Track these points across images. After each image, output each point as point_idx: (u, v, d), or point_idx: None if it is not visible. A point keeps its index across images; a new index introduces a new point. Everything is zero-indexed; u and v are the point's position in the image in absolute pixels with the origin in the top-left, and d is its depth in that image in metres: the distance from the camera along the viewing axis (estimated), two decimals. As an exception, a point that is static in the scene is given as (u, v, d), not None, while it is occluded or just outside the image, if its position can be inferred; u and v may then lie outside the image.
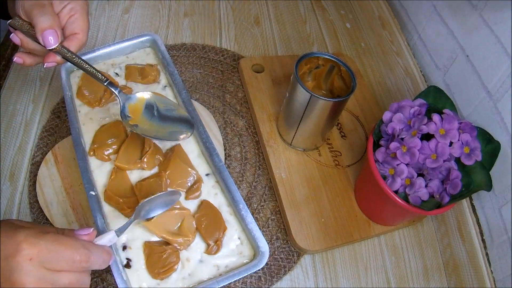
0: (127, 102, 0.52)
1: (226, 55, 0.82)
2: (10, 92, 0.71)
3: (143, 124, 0.51)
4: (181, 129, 0.53)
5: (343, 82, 0.62)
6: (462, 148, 0.51)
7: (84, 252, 0.37)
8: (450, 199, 0.50)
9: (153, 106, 0.53)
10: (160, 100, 0.54)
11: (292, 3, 0.94)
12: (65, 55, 0.49)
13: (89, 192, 0.51)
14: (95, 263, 0.38)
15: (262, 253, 0.50)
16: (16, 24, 0.48)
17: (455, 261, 0.62)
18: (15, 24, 0.49)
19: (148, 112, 0.53)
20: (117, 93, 0.51)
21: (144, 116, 0.52)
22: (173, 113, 0.54)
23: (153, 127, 0.52)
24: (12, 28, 0.49)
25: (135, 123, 0.51)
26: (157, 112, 0.53)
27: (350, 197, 0.65)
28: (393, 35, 0.87)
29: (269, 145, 0.68)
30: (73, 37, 0.50)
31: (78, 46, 0.50)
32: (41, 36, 0.46)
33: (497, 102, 0.59)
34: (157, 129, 0.52)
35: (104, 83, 0.51)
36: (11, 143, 0.65)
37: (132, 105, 0.52)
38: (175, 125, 0.53)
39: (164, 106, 0.54)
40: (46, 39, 0.46)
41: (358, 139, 0.71)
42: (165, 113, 0.53)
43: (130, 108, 0.52)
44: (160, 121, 0.53)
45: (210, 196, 0.55)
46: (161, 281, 0.49)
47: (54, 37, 0.47)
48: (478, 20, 0.63)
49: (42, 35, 0.46)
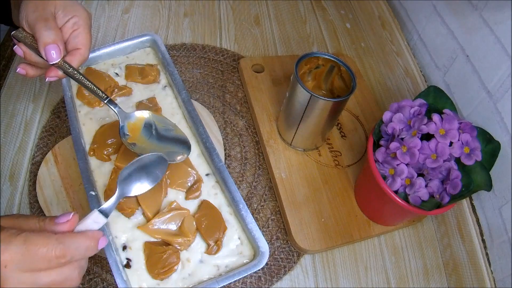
0: (126, 120, 0.52)
1: (226, 55, 0.82)
2: (10, 92, 0.71)
3: (141, 142, 0.52)
4: (178, 150, 0.53)
5: (343, 82, 0.62)
6: (462, 148, 0.51)
7: (59, 247, 0.35)
8: (450, 199, 0.50)
9: (151, 125, 0.54)
10: (158, 119, 0.55)
11: (292, 3, 0.94)
12: (66, 71, 0.49)
13: (89, 192, 0.51)
14: (76, 254, 0.36)
15: (262, 253, 0.50)
16: (20, 36, 0.49)
17: (455, 261, 0.62)
18: (18, 35, 0.49)
19: (147, 131, 0.53)
20: (116, 111, 0.52)
21: (143, 135, 0.53)
22: (171, 134, 0.54)
23: (151, 146, 0.52)
24: (16, 40, 0.49)
25: (133, 141, 0.52)
26: (155, 131, 0.53)
27: (350, 197, 0.65)
28: (393, 35, 0.87)
29: (269, 145, 0.68)
30: (76, 52, 0.50)
31: (79, 61, 0.51)
32: (44, 50, 0.47)
33: (497, 102, 0.59)
34: (155, 149, 0.52)
35: (104, 101, 0.51)
36: (11, 143, 0.65)
37: (131, 123, 0.53)
38: (173, 145, 0.53)
39: (162, 126, 0.54)
40: (49, 53, 0.47)
41: (358, 139, 0.71)
42: (163, 133, 0.54)
43: (129, 127, 0.52)
44: (158, 140, 0.53)
45: (210, 196, 0.55)
46: (161, 281, 0.49)
47: (56, 52, 0.47)
48: (478, 20, 0.63)
49: (45, 50, 0.47)
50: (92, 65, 0.64)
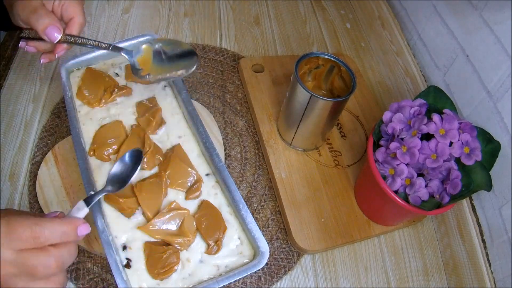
0: (135, 57, 0.54)
1: (226, 55, 0.82)
2: (10, 92, 0.71)
3: (155, 71, 0.54)
4: (190, 61, 0.55)
5: (343, 82, 0.62)
6: (462, 148, 0.51)
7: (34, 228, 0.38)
8: (450, 199, 0.50)
9: (160, 52, 0.55)
10: (164, 43, 0.56)
11: (292, 3, 0.94)
12: (69, 41, 0.53)
13: (89, 192, 0.51)
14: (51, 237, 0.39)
15: (262, 253, 0.50)
16: (24, 36, 0.54)
17: (455, 261, 0.62)
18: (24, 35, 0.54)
19: (157, 59, 0.55)
20: (123, 54, 0.54)
21: (154, 64, 0.55)
22: (179, 50, 0.56)
23: (165, 69, 0.54)
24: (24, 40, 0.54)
25: (147, 73, 0.54)
26: (165, 55, 0.55)
27: (350, 197, 0.65)
28: (393, 35, 0.87)
29: (269, 145, 0.68)
30: (72, 22, 0.54)
31: (78, 28, 0.54)
32: (45, 34, 0.50)
33: (497, 102, 0.59)
34: (169, 70, 0.54)
35: (109, 49, 0.54)
36: (11, 143, 0.65)
37: (141, 57, 0.55)
38: (184, 59, 0.55)
39: (169, 48, 0.56)
40: (50, 35, 0.50)
41: (358, 139, 0.71)
42: (172, 53, 0.56)
43: (139, 61, 0.54)
44: (170, 62, 0.55)
45: (210, 196, 0.55)
46: (161, 281, 0.49)
47: (56, 31, 0.51)
48: (478, 20, 0.63)
49: (45, 34, 0.50)
50: (92, 65, 0.64)
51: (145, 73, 0.54)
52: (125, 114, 0.61)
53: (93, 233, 0.54)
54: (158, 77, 0.53)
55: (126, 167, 0.49)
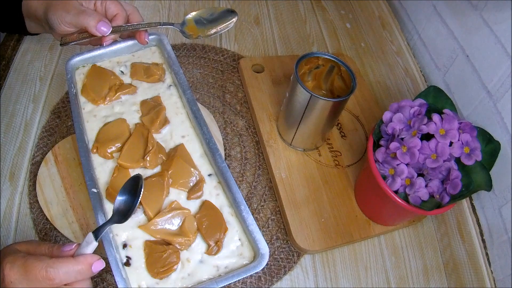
0: (183, 27, 0.64)
1: (226, 55, 0.82)
2: (10, 92, 0.71)
3: (202, 33, 0.64)
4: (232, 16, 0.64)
5: (343, 82, 0.62)
6: (462, 148, 0.51)
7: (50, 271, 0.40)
8: (450, 199, 0.50)
9: (200, 19, 0.64)
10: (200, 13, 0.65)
11: (292, 3, 0.94)
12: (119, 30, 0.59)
13: (91, 189, 0.51)
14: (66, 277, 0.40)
15: (262, 255, 0.49)
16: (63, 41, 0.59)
17: (455, 261, 0.62)
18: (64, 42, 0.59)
19: (200, 24, 0.64)
20: (174, 27, 0.63)
21: (199, 28, 0.64)
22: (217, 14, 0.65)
23: (210, 29, 0.64)
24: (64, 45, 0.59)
25: (196, 36, 0.63)
26: (206, 20, 0.65)
27: (350, 197, 0.65)
28: (393, 35, 0.87)
29: (269, 145, 0.68)
30: (116, 18, 0.60)
31: (123, 21, 0.60)
32: (96, 30, 0.56)
33: (497, 102, 0.59)
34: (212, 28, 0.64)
35: (160, 25, 0.61)
36: (11, 143, 0.65)
37: (187, 27, 0.64)
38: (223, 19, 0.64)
39: (206, 15, 0.65)
40: (100, 30, 0.57)
41: (358, 139, 0.71)
42: (211, 18, 0.65)
43: (187, 30, 0.64)
44: (212, 23, 0.64)
45: (212, 196, 0.55)
46: (160, 280, 0.49)
47: (106, 26, 0.57)
48: (478, 20, 0.63)
49: (97, 29, 0.56)
50: (98, 62, 0.64)
51: (196, 36, 0.63)
52: (129, 112, 0.61)
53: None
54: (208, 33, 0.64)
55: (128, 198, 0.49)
